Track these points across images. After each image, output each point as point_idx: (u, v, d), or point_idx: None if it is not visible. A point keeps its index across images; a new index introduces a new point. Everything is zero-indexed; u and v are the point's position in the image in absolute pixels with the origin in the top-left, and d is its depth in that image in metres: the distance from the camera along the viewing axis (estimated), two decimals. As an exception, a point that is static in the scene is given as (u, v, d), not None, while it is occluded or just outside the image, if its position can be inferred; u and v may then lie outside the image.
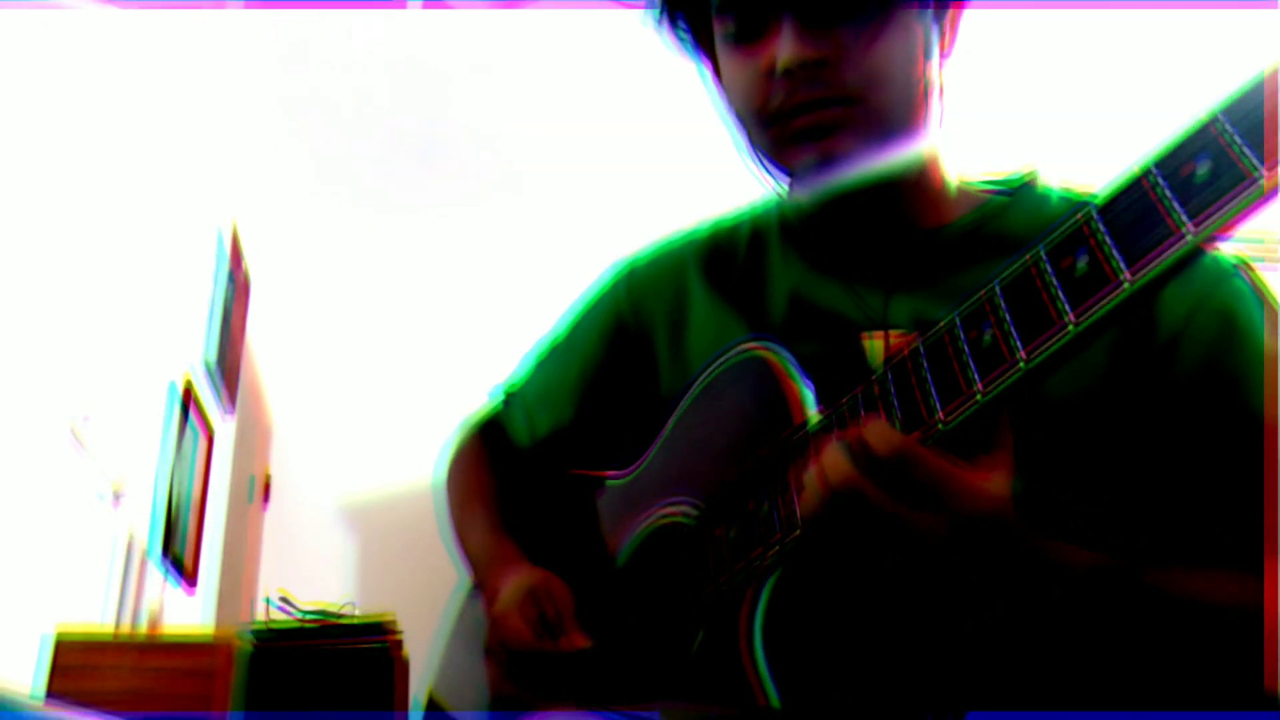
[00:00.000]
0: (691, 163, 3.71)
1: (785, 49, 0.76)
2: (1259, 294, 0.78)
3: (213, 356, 2.90)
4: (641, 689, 0.81)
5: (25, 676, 1.73)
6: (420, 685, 1.12)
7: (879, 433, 0.61)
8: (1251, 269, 0.79)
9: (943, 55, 0.83)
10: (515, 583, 0.89)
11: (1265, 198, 0.47)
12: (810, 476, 0.64)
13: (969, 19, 0.85)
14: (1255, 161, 0.47)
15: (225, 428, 3.29)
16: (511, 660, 0.86)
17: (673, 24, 0.90)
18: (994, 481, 0.62)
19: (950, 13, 0.83)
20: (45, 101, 1.70)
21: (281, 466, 4.04)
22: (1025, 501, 0.64)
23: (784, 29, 0.77)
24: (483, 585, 0.97)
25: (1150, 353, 0.75)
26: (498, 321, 4.00)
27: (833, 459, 0.62)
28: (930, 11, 0.80)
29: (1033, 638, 0.71)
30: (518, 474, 1.06)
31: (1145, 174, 0.53)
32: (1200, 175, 0.49)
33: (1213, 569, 0.70)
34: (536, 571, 0.90)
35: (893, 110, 0.79)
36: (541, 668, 0.84)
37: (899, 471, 0.60)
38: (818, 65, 0.76)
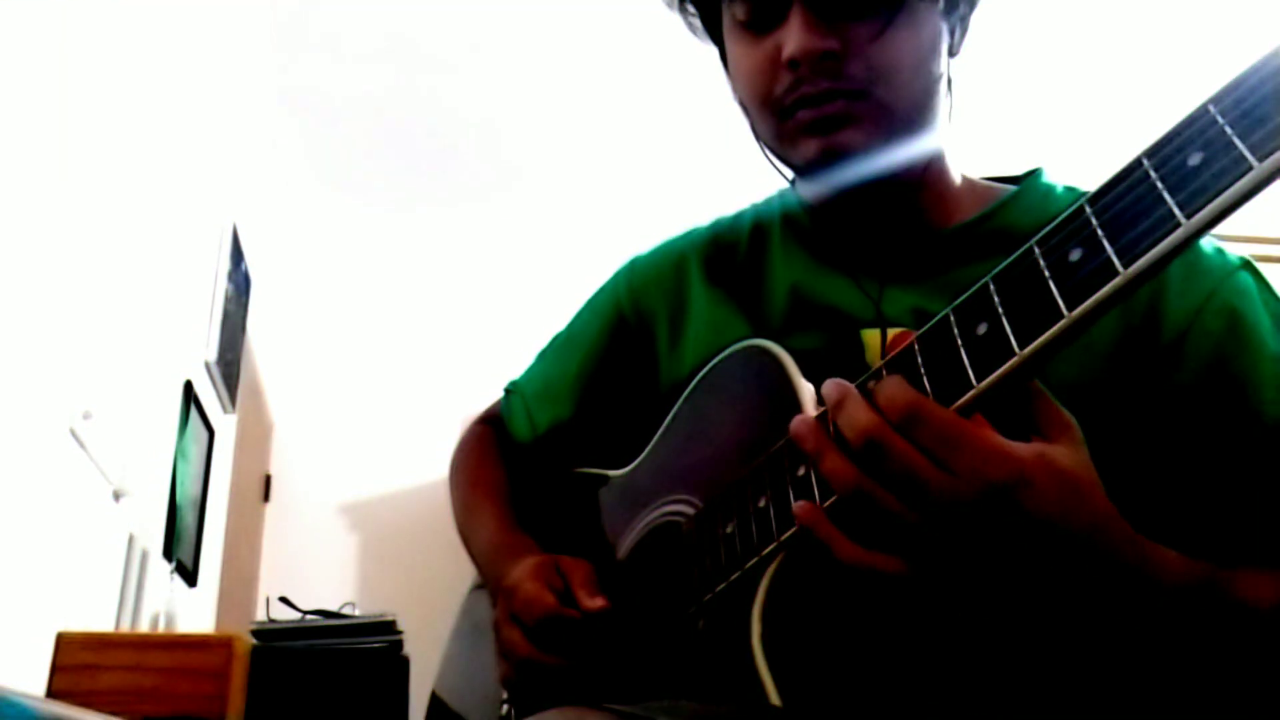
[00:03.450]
0: (697, 155, 3.71)
1: (793, 39, 0.76)
2: (1266, 290, 0.78)
3: (213, 356, 2.90)
4: (643, 688, 0.80)
5: (27, 675, 1.73)
6: (421, 685, 1.12)
7: (893, 394, 0.58)
8: (1254, 266, 0.79)
9: (952, 51, 0.82)
10: (526, 561, 0.87)
11: (1258, 186, 0.47)
12: (831, 453, 0.60)
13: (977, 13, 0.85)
14: (1247, 150, 0.47)
15: (226, 427, 3.29)
16: (531, 631, 0.83)
17: (682, 7, 0.89)
18: (1018, 447, 0.58)
19: (961, 8, 0.82)
20: (45, 99, 1.71)
21: (281, 466, 4.04)
22: None
23: (793, 18, 0.76)
24: (490, 578, 0.96)
25: (1156, 350, 0.75)
26: (499, 320, 4.01)
27: (849, 415, 0.60)
28: (941, 6, 0.80)
29: (1058, 640, 0.69)
30: (521, 468, 1.06)
31: (1139, 164, 0.53)
32: (1193, 164, 0.49)
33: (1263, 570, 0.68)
34: (546, 555, 0.88)
35: (900, 105, 0.78)
36: (562, 634, 0.81)
37: (912, 431, 0.57)
38: (825, 57, 0.76)
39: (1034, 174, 0.88)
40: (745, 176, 0.93)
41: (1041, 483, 0.57)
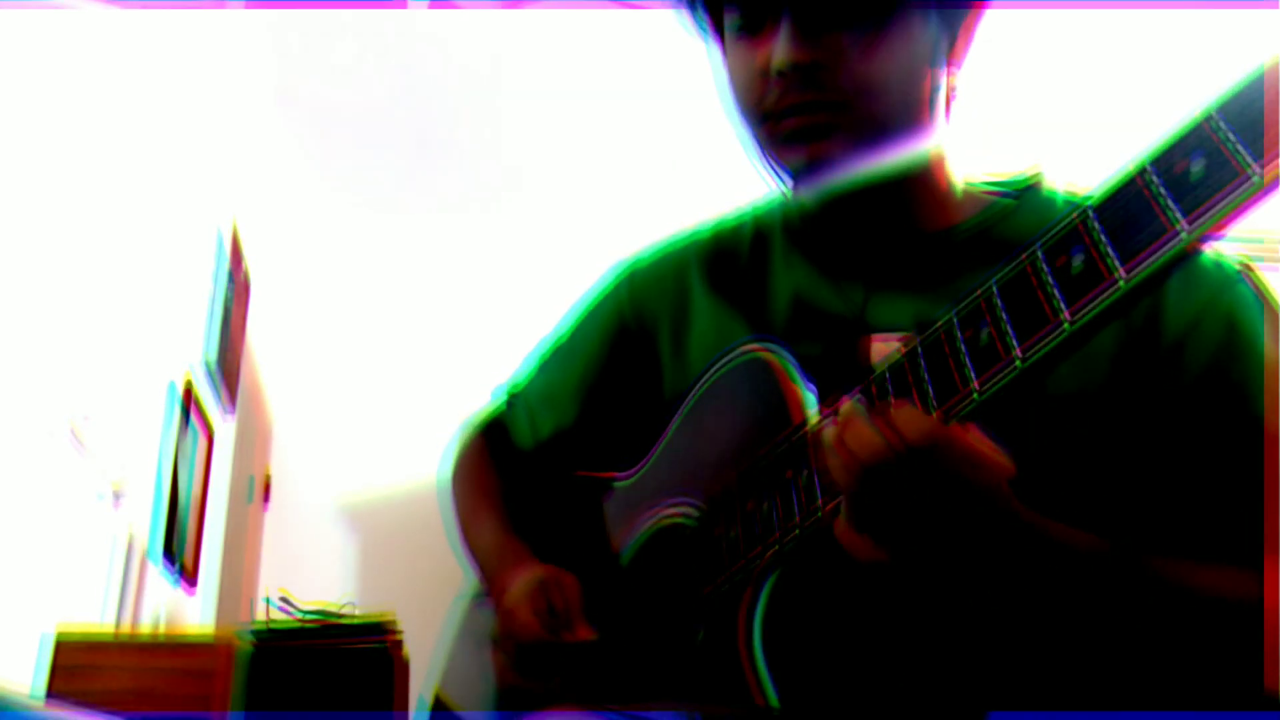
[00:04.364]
0: (693, 163, 3.71)
1: (780, 50, 0.76)
2: (1263, 299, 0.78)
3: (213, 356, 2.90)
4: (643, 688, 0.81)
5: (25, 676, 1.73)
6: (421, 685, 1.12)
7: (910, 419, 0.59)
8: (1255, 272, 0.79)
9: (954, 61, 0.82)
10: (525, 577, 0.89)
11: (1259, 195, 0.47)
12: (835, 457, 0.62)
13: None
14: (1249, 158, 0.47)
15: (225, 427, 3.29)
16: (519, 653, 0.86)
17: (693, 11, 0.90)
18: (998, 452, 0.62)
19: (964, 19, 0.82)
20: (45, 101, 1.71)
21: (281, 466, 4.04)
22: (1023, 491, 0.64)
23: (782, 29, 0.77)
24: (491, 585, 0.97)
25: (1154, 358, 0.75)
26: (498, 321, 4.00)
27: (862, 437, 0.60)
28: (935, 18, 0.80)
29: (1036, 634, 0.70)
30: (522, 475, 1.06)
31: (1140, 172, 0.53)
32: (1194, 173, 0.49)
33: (1212, 564, 0.70)
34: (546, 567, 0.90)
35: (885, 118, 0.79)
36: (548, 660, 0.84)
37: (932, 457, 0.59)
38: (811, 68, 0.76)
39: (1035, 182, 0.88)
40: (744, 181, 0.92)
41: (1007, 480, 0.62)
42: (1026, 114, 3.51)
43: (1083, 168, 0.87)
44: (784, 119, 0.79)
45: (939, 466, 0.59)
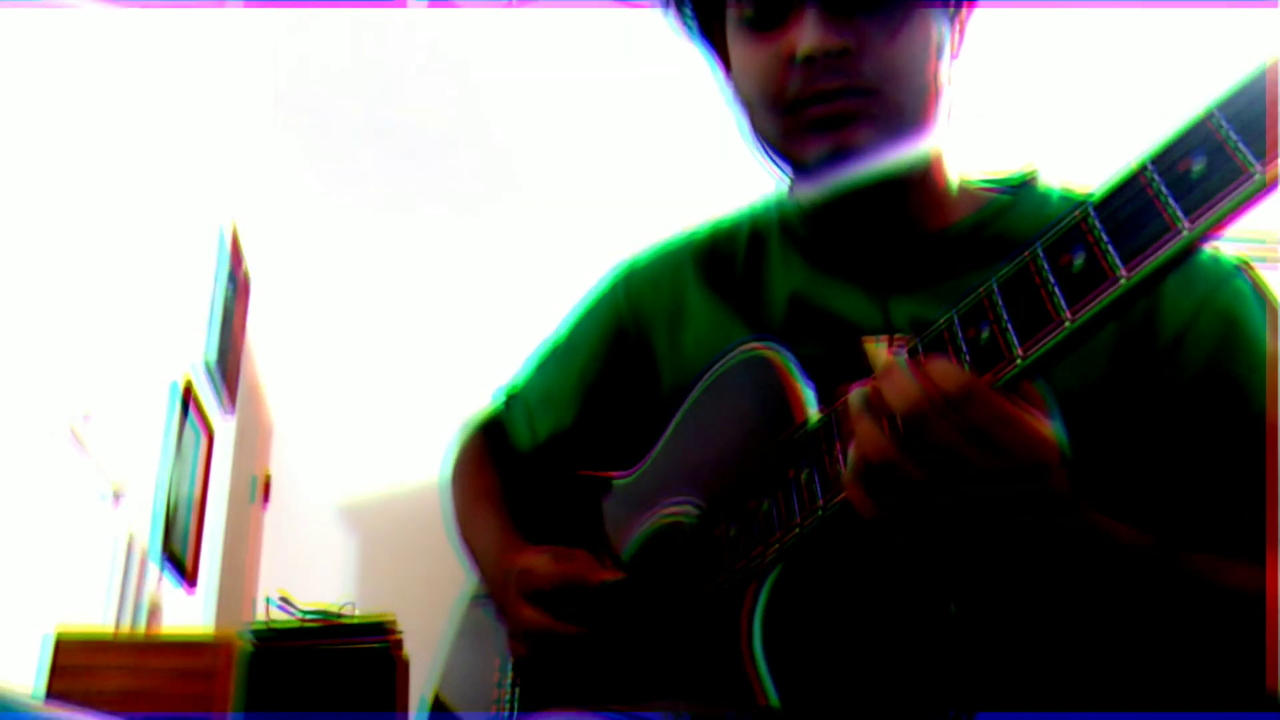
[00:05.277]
0: (693, 162, 3.71)
1: (808, 36, 0.76)
2: (1261, 295, 0.78)
3: (213, 356, 2.90)
4: (644, 688, 0.81)
5: (25, 676, 1.73)
6: (421, 685, 1.12)
7: (946, 371, 0.58)
8: (1252, 269, 0.79)
9: (953, 53, 0.83)
10: (533, 550, 0.90)
11: (1261, 193, 0.47)
12: (865, 418, 0.60)
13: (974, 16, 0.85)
14: (1250, 157, 0.47)
15: (225, 427, 3.29)
16: (551, 596, 0.85)
17: (679, 8, 0.89)
18: (1049, 430, 0.60)
19: (962, 12, 0.83)
20: (45, 101, 1.71)
21: (281, 466, 4.04)
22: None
23: (807, 16, 0.76)
24: (492, 580, 0.96)
25: (1153, 354, 0.75)
26: (498, 321, 4.00)
27: (898, 387, 0.59)
28: (946, 10, 0.80)
29: (1049, 624, 0.70)
30: (521, 475, 1.06)
31: (1141, 170, 0.53)
32: (1196, 171, 0.49)
33: (1229, 560, 0.70)
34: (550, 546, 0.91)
35: (908, 105, 0.78)
36: (580, 601, 0.84)
37: (964, 408, 0.57)
38: (839, 54, 0.76)
39: (1030, 179, 0.88)
40: (743, 180, 0.92)
41: (1059, 462, 0.60)
42: (1025, 112, 3.51)
43: (1083, 165, 0.87)
44: (808, 107, 0.78)
45: (972, 418, 0.57)
